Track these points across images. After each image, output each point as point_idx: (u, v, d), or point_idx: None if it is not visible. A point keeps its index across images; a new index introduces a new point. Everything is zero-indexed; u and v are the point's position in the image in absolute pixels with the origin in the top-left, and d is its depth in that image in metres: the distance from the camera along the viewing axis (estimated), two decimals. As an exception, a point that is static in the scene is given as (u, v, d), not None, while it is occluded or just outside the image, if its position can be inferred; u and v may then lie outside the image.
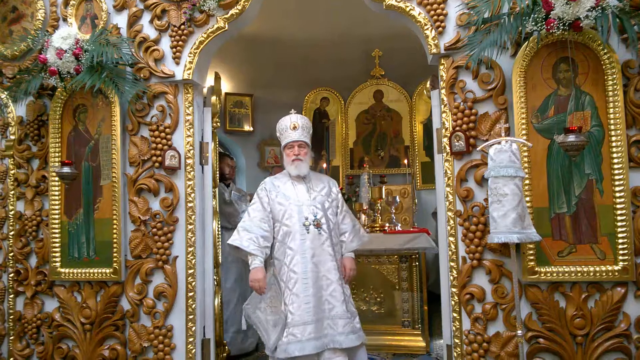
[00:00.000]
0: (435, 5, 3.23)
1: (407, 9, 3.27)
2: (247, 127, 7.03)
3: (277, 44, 6.31)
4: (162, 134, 3.54)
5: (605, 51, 2.93)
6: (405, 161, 6.48)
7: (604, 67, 2.95)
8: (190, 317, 3.53)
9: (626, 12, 2.81)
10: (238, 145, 7.10)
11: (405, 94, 6.80)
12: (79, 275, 3.60)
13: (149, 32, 3.61)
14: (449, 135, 3.21)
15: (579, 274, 2.95)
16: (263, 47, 6.36)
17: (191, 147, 3.57)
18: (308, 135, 3.41)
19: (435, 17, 3.23)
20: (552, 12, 2.77)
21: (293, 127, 3.35)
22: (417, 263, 4.67)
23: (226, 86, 6.92)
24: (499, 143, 2.82)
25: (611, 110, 2.93)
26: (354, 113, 6.94)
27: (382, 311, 4.68)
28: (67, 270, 3.62)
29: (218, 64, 5.59)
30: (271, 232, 3.28)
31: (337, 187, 3.53)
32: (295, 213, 3.25)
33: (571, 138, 2.75)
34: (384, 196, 5.18)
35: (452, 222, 3.21)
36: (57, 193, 3.65)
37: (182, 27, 3.54)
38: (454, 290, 3.19)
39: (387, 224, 5.07)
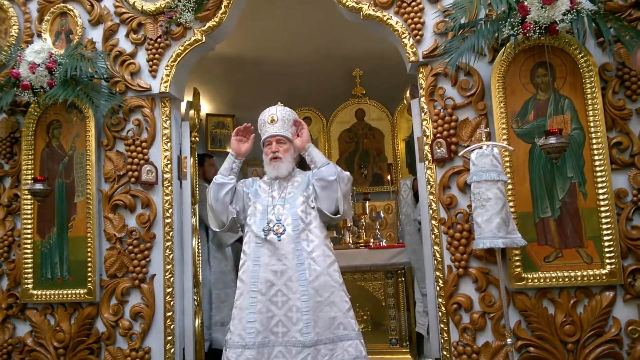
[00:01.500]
0: (412, 14, 3.24)
1: (385, 18, 3.27)
2: (229, 148, 6.94)
3: (259, 65, 6.31)
4: (139, 148, 3.46)
5: (582, 55, 2.94)
6: (389, 177, 6.44)
7: (581, 70, 2.97)
8: (169, 338, 3.39)
9: (601, 15, 2.83)
10: (219, 166, 7.00)
11: (386, 112, 6.81)
12: (52, 297, 3.45)
13: (125, 45, 3.56)
14: (430, 142, 3.17)
15: (567, 279, 2.89)
16: (244, 68, 6.35)
17: (169, 162, 3.48)
18: (290, 129, 2.92)
19: (412, 25, 3.24)
20: (528, 17, 2.79)
21: (271, 120, 2.90)
22: (403, 278, 4.58)
23: (207, 107, 6.87)
24: (481, 148, 2.80)
25: (590, 113, 2.94)
26: (336, 132, 6.90)
27: (368, 329, 4.55)
28: (39, 292, 3.47)
29: (199, 85, 5.53)
30: (240, 213, 2.91)
31: None
32: (258, 213, 2.84)
33: (552, 140, 2.73)
34: (367, 212, 5.11)
35: (436, 230, 3.15)
36: (29, 212, 3.53)
37: (159, 40, 3.50)
38: (440, 300, 3.11)
39: (372, 240, 4.99)
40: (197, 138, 3.88)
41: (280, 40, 5.86)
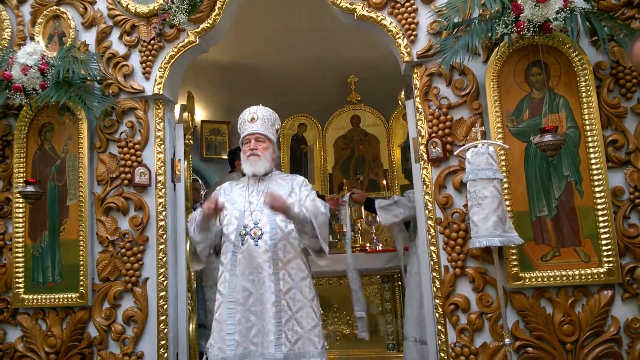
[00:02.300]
0: (406, 15, 3.24)
1: (379, 19, 3.27)
2: (224, 155, 6.93)
3: (254, 71, 6.32)
4: (132, 150, 3.43)
5: (576, 53, 2.94)
6: (385, 182, 6.43)
7: (575, 69, 2.96)
8: (162, 342, 3.34)
9: (594, 13, 2.84)
10: (214, 173, 6.98)
11: (382, 118, 6.82)
12: (44, 301, 3.39)
13: (118, 48, 3.55)
14: (425, 142, 3.16)
15: (564, 278, 2.87)
16: (240, 74, 6.35)
17: (162, 164, 3.45)
18: (270, 128, 2.87)
19: (406, 26, 3.23)
20: (521, 15, 2.79)
21: (251, 118, 2.84)
22: (399, 283, 4.54)
23: (202, 114, 6.87)
24: (476, 146, 2.78)
25: (586, 112, 2.93)
26: (332, 138, 6.90)
27: (365, 334, 4.51)
28: (31, 297, 3.42)
29: (194, 91, 5.53)
30: (218, 228, 2.80)
31: (307, 185, 2.87)
32: (234, 220, 2.72)
33: (547, 137, 2.71)
34: (363, 216, 5.09)
35: (432, 230, 3.12)
36: (21, 215, 3.49)
37: (152, 42, 3.48)
38: (437, 301, 3.07)
39: (368, 244, 4.96)
40: (191, 141, 3.85)
41: (276, 47, 5.87)
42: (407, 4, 3.24)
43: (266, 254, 2.63)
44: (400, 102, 3.76)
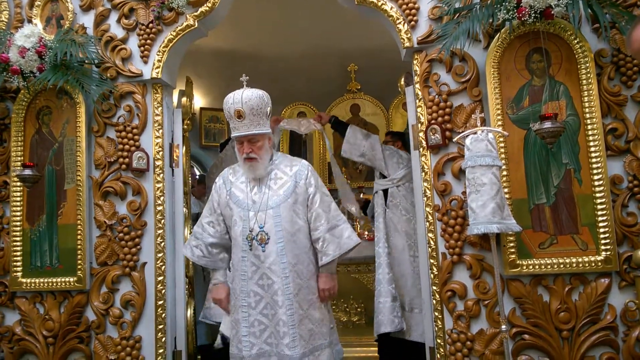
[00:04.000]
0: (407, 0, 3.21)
1: (379, 4, 3.24)
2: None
3: (253, 59, 6.27)
4: (130, 135, 3.41)
5: (577, 40, 2.93)
6: (384, 172, 6.41)
7: (576, 56, 2.94)
8: (160, 327, 3.34)
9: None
10: (213, 160, 6.96)
11: (381, 107, 6.81)
12: (42, 285, 3.39)
13: (117, 31, 3.51)
14: (424, 129, 3.14)
15: (562, 266, 2.87)
16: (239, 62, 6.30)
17: (160, 149, 3.44)
18: (261, 120, 2.65)
19: (407, 11, 3.21)
20: (523, 1, 2.76)
21: (237, 115, 2.63)
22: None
23: (202, 101, 6.83)
24: (475, 133, 2.77)
25: (586, 100, 2.91)
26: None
27: (362, 322, 4.51)
28: (28, 281, 3.42)
29: (194, 79, 5.52)
30: (223, 235, 2.82)
31: (312, 174, 2.78)
32: (239, 221, 2.70)
33: (547, 125, 2.70)
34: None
35: (430, 217, 3.12)
36: (19, 199, 3.47)
37: (151, 25, 3.45)
38: (434, 288, 3.07)
39: (367, 232, 4.96)
40: (189, 126, 3.84)
41: (275, 35, 5.83)
42: (409, -12, 3.21)
43: (274, 259, 2.63)
44: (400, 89, 3.74)
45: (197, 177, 5.74)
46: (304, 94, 6.91)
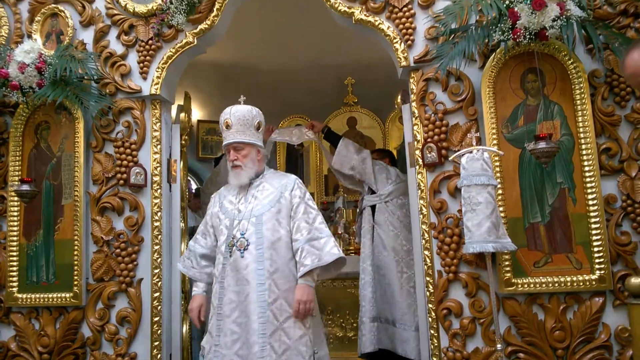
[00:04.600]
0: (404, 19, 3.25)
1: (377, 23, 3.28)
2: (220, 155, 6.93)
3: (251, 72, 6.31)
4: (128, 150, 3.43)
5: (571, 61, 2.97)
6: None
7: (570, 77, 2.98)
8: (156, 343, 3.34)
9: (590, 21, 2.86)
10: (209, 173, 6.99)
11: (378, 120, 6.85)
12: (38, 300, 3.39)
13: (116, 47, 3.54)
14: (420, 147, 3.17)
15: (556, 285, 2.89)
16: (237, 75, 6.35)
17: (158, 164, 3.46)
18: (248, 130, 2.76)
19: (404, 30, 3.24)
20: (518, 22, 2.80)
21: (226, 125, 2.75)
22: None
23: (199, 114, 6.86)
24: (471, 152, 2.79)
25: (580, 119, 2.95)
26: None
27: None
28: (24, 296, 3.41)
29: (191, 91, 5.55)
30: (213, 247, 2.85)
31: (299, 187, 2.81)
32: (225, 229, 2.75)
33: (542, 145, 2.73)
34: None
35: (426, 235, 3.13)
36: (15, 214, 3.48)
37: (150, 42, 3.48)
38: (430, 306, 3.08)
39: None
40: (187, 141, 3.85)
41: (273, 49, 5.87)
42: (405, 8, 3.25)
43: (252, 266, 2.62)
44: (396, 106, 3.77)
45: (194, 190, 5.75)
46: (302, 107, 6.95)
